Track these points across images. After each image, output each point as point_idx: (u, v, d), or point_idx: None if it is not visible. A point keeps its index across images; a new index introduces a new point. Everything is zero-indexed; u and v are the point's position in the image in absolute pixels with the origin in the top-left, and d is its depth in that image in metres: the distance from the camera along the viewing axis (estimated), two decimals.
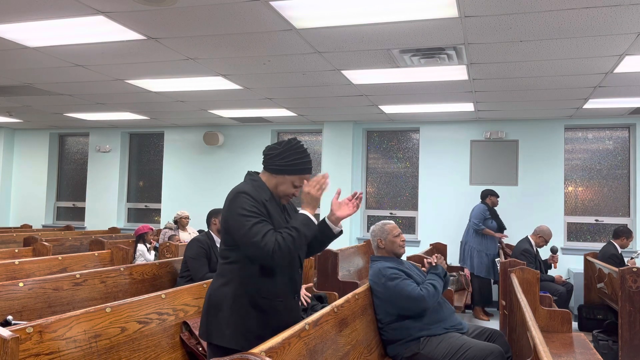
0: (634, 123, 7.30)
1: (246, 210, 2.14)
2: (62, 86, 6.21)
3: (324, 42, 4.32)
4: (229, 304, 2.19)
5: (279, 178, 2.27)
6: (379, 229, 3.52)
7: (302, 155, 2.26)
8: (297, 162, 2.24)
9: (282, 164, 2.24)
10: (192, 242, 4.40)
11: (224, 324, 2.17)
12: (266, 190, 2.27)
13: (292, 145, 2.26)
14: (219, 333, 2.18)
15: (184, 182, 9.11)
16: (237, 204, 2.16)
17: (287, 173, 2.25)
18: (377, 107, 6.96)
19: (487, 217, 6.81)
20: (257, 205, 2.17)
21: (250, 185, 2.24)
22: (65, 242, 6.96)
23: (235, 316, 2.18)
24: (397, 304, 3.25)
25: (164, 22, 3.96)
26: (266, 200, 2.23)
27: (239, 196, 2.17)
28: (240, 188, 2.21)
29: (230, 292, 2.20)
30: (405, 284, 3.23)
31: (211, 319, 2.21)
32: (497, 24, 3.83)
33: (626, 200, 7.38)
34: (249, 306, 2.19)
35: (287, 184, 2.27)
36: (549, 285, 5.81)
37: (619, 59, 4.60)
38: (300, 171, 2.26)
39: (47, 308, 3.30)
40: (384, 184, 8.34)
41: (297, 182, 2.27)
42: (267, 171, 2.30)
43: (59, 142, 10.27)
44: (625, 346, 4.36)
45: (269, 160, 2.27)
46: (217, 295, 2.22)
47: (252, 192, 2.19)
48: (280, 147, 2.26)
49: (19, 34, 4.31)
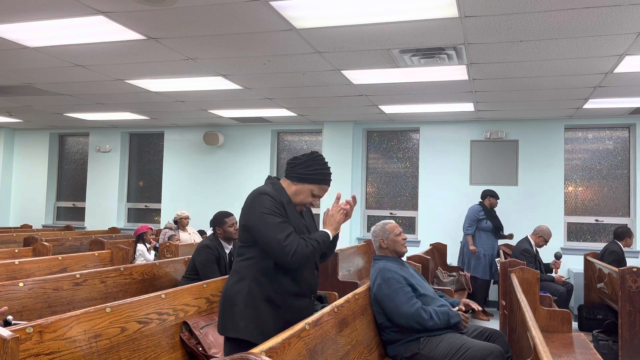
0: (634, 123, 7.30)
1: (267, 210, 2.26)
2: (62, 86, 6.21)
3: (324, 42, 4.32)
4: (243, 298, 2.29)
5: (298, 186, 2.38)
6: (379, 228, 3.52)
7: (323, 167, 2.39)
8: (317, 172, 2.37)
9: (303, 173, 2.37)
10: (202, 248, 4.33)
11: (238, 317, 2.28)
12: (285, 194, 2.39)
13: (315, 156, 2.40)
14: (233, 326, 2.28)
15: (184, 182, 9.11)
16: (259, 204, 2.28)
17: (307, 182, 2.37)
18: (377, 107, 6.96)
19: (480, 217, 6.84)
20: (278, 206, 2.29)
21: (271, 187, 2.36)
22: (65, 242, 6.96)
23: (249, 309, 2.28)
24: (389, 312, 3.24)
25: (164, 22, 3.96)
26: (286, 202, 2.35)
27: (260, 196, 2.30)
28: (261, 189, 2.34)
29: (245, 287, 2.30)
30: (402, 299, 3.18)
31: (226, 313, 2.32)
32: (497, 24, 3.83)
33: (626, 200, 7.38)
34: (263, 300, 2.29)
35: (306, 193, 2.39)
36: (549, 285, 5.81)
37: (619, 59, 4.60)
38: (320, 181, 2.38)
39: (47, 308, 3.30)
40: (384, 184, 8.34)
41: (316, 191, 2.39)
42: (288, 179, 2.42)
43: (59, 142, 10.27)
44: (625, 346, 4.36)
45: (292, 169, 2.40)
46: (232, 291, 2.33)
47: (272, 193, 2.31)
48: (304, 157, 2.40)
49: (19, 34, 4.31)
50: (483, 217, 6.84)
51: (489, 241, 6.83)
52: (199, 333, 2.86)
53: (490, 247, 6.83)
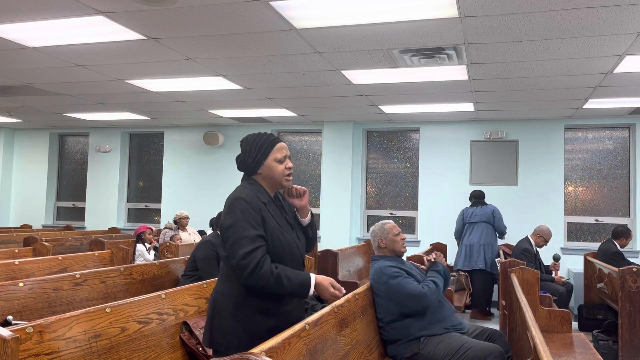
0: (634, 123, 7.30)
1: (240, 219, 2.14)
2: (62, 86, 6.21)
3: (324, 42, 4.32)
4: (233, 312, 2.16)
5: (263, 170, 2.26)
6: (378, 229, 3.52)
7: (261, 137, 2.28)
8: (260, 144, 2.26)
9: (252, 159, 2.26)
10: (204, 243, 4.34)
11: (229, 334, 2.15)
12: (264, 192, 2.26)
13: (247, 141, 2.30)
14: (225, 342, 2.15)
15: (184, 182, 9.11)
16: (233, 211, 2.16)
17: (263, 160, 2.25)
18: (377, 107, 6.96)
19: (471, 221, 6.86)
20: (254, 211, 2.16)
21: (248, 190, 2.22)
22: (65, 242, 6.96)
23: (240, 324, 2.15)
24: (399, 302, 3.25)
25: (164, 22, 3.96)
26: (265, 203, 2.22)
27: (236, 202, 2.18)
28: (238, 194, 2.21)
29: (234, 299, 2.17)
30: (406, 282, 3.24)
31: (216, 326, 2.18)
32: (497, 24, 3.83)
33: (626, 200, 7.38)
34: (255, 312, 2.16)
35: (273, 166, 2.26)
36: (549, 285, 5.81)
37: (619, 59, 4.60)
38: (270, 146, 2.27)
39: (47, 308, 3.30)
40: (384, 184, 8.33)
41: (278, 156, 2.26)
42: (253, 175, 2.30)
43: (59, 142, 10.27)
44: (625, 346, 4.36)
45: (245, 167, 2.30)
46: (222, 302, 2.19)
47: (249, 197, 2.18)
48: (242, 149, 2.31)
49: (19, 34, 4.31)
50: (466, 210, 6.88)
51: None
52: (199, 333, 2.86)
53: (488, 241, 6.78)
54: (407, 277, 3.28)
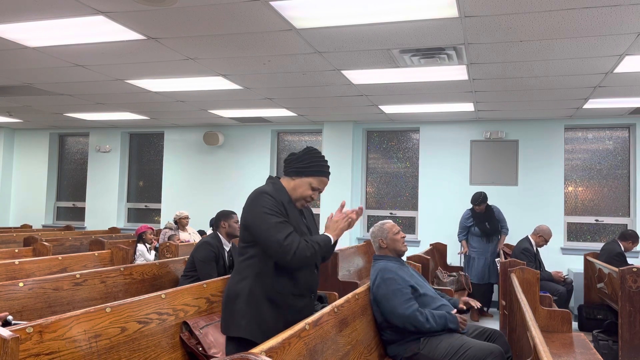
0: (634, 123, 7.30)
1: (268, 209, 2.27)
2: (62, 86, 6.21)
3: (324, 42, 4.32)
4: (244, 297, 2.31)
5: (297, 181, 2.40)
6: (378, 229, 3.52)
7: (319, 159, 2.41)
8: (314, 164, 2.39)
9: (300, 166, 2.39)
10: (203, 244, 4.33)
11: (239, 316, 2.30)
12: (285, 193, 2.40)
13: (311, 150, 2.42)
14: (235, 324, 2.31)
15: (184, 182, 9.11)
16: (260, 203, 2.29)
17: (305, 175, 2.38)
18: (377, 107, 6.96)
19: (468, 224, 6.81)
20: (278, 205, 2.30)
21: (272, 187, 2.38)
22: (65, 242, 6.96)
23: (250, 308, 2.30)
24: (383, 311, 3.24)
25: (164, 22, 3.96)
26: (287, 201, 2.36)
27: (261, 196, 2.31)
28: (262, 189, 2.35)
29: (246, 287, 2.33)
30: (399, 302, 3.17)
31: (228, 312, 2.35)
32: (497, 24, 3.83)
33: (626, 200, 7.38)
34: (264, 299, 2.31)
35: (305, 186, 2.39)
36: (549, 285, 5.81)
37: (619, 59, 4.60)
38: (317, 173, 2.39)
39: (47, 308, 3.31)
40: (384, 184, 8.33)
41: (315, 184, 2.40)
42: (287, 175, 2.44)
43: (59, 142, 10.27)
44: (625, 346, 4.36)
45: (289, 164, 2.42)
46: (234, 290, 2.35)
47: (273, 192, 2.33)
48: (301, 152, 2.42)
49: (19, 34, 4.31)
50: (471, 223, 6.81)
51: (481, 245, 6.80)
52: (199, 333, 2.86)
53: (482, 251, 6.77)
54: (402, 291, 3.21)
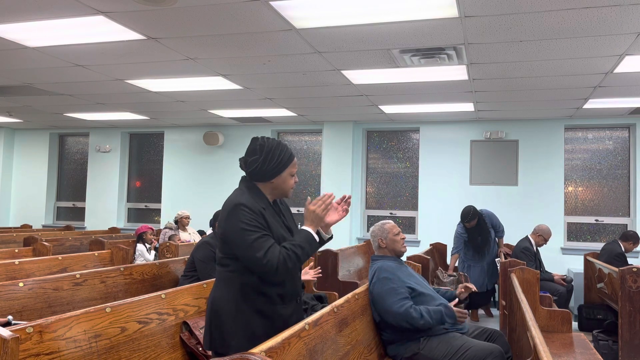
0: (634, 123, 7.30)
1: (246, 224, 2.13)
2: (62, 86, 6.21)
3: (324, 42, 4.32)
4: (232, 315, 2.17)
5: (278, 180, 2.27)
6: (378, 229, 3.52)
7: (282, 147, 2.27)
8: (281, 156, 2.24)
9: (271, 168, 2.23)
10: (203, 244, 4.32)
11: (228, 336, 2.16)
12: (262, 197, 2.27)
13: (268, 145, 2.24)
14: (223, 344, 2.17)
15: (184, 182, 9.11)
16: (237, 217, 2.14)
17: (280, 172, 2.25)
18: (377, 107, 6.96)
19: (465, 239, 6.53)
20: (257, 217, 2.16)
21: (247, 195, 2.22)
22: (65, 242, 6.96)
23: (239, 326, 2.17)
24: (378, 309, 3.24)
25: (164, 22, 3.96)
26: (264, 208, 2.22)
27: (237, 209, 2.16)
28: (238, 199, 2.19)
29: (232, 301, 2.18)
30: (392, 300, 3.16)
31: (214, 326, 2.20)
32: (497, 24, 3.83)
33: (626, 200, 7.38)
34: (253, 313, 2.18)
35: (286, 180, 2.28)
36: (549, 285, 5.81)
37: (619, 59, 4.60)
38: (289, 160, 2.27)
39: (47, 308, 3.30)
40: (384, 184, 8.33)
41: (293, 170, 2.30)
42: (261, 182, 2.28)
43: (59, 142, 10.27)
44: (625, 346, 4.36)
45: (258, 172, 2.24)
46: (219, 304, 2.21)
47: (249, 203, 2.18)
48: (259, 154, 2.23)
49: (19, 34, 4.31)
50: (466, 238, 6.62)
51: (477, 256, 6.69)
52: (199, 333, 2.86)
53: (478, 259, 6.59)
54: (397, 291, 3.20)
